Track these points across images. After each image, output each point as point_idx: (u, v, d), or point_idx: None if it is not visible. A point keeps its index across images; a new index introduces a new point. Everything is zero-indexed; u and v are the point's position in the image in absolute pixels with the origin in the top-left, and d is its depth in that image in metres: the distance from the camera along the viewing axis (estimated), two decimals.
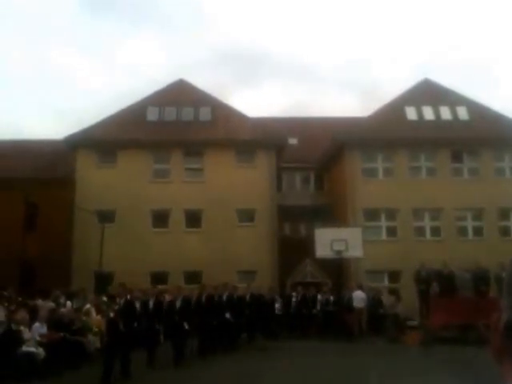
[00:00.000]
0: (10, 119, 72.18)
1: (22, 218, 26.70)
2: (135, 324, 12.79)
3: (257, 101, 75.67)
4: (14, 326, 10.47)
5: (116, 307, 13.31)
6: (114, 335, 11.61)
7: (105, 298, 17.17)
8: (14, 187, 26.28)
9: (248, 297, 18.17)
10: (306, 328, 20.06)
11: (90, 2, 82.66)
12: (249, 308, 17.50)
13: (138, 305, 13.85)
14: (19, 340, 10.32)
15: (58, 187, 26.48)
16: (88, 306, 15.25)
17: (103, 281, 23.38)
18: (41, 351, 10.91)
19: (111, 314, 12.95)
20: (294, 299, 20.93)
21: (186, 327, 13.15)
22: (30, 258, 25.07)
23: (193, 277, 24.46)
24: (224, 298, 16.09)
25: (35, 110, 77.15)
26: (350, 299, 20.15)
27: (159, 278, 25.06)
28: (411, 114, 29.30)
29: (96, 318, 14.88)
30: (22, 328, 10.67)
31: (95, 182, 26.66)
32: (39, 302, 15.03)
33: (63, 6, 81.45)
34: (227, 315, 15.64)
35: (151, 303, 13.24)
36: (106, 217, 26.01)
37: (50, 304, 14.68)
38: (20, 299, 15.17)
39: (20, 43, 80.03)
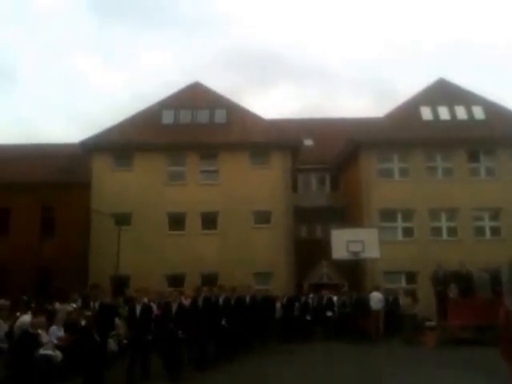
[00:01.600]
0: (26, 124, 73.02)
1: (38, 222, 26.97)
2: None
3: (272, 102, 75.81)
4: (31, 330, 10.56)
5: (89, 313, 11.73)
6: (86, 347, 10.14)
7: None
8: (31, 191, 26.55)
9: (246, 299, 16.18)
10: (300, 331, 19.21)
11: (103, 5, 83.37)
12: (250, 312, 15.85)
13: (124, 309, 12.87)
14: (37, 343, 10.41)
15: (75, 191, 26.71)
16: None
17: (120, 284, 23.52)
18: (58, 354, 10.98)
19: (83, 322, 11.53)
20: (278, 304, 19.97)
21: (181, 335, 11.56)
22: (46, 262, 25.30)
23: (209, 279, 24.49)
24: (220, 301, 14.10)
25: (51, 114, 77.99)
26: (367, 301, 20.04)
27: (176, 280, 25.17)
28: (426, 114, 29.15)
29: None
30: (39, 331, 10.76)
31: (111, 185, 26.87)
32: (56, 305, 15.15)
33: (77, 10, 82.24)
34: (223, 322, 13.80)
35: (138, 308, 11.45)
36: (122, 220, 26.18)
37: (67, 307, 14.77)
38: (33, 305, 15.20)
39: (35, 48, 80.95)
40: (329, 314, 20.06)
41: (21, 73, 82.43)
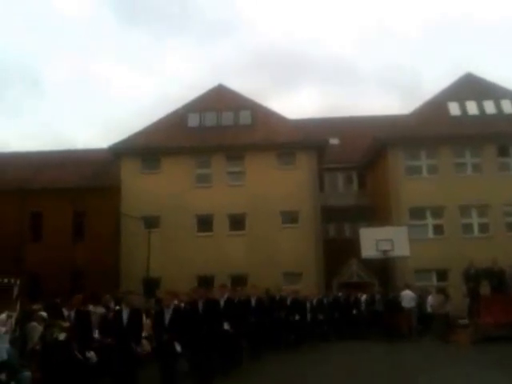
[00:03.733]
0: (56, 130, 74.16)
1: (70, 227, 27.40)
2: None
3: (296, 102, 75.65)
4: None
5: (65, 324, 9.98)
6: (68, 364, 8.69)
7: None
8: (62, 197, 26.99)
9: (254, 301, 14.62)
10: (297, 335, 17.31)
11: (127, 11, 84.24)
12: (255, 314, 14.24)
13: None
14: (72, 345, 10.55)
15: (104, 195, 27.04)
16: None
17: (151, 286, 23.73)
18: (93, 355, 11.10)
19: (61, 336, 9.60)
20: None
21: (178, 349, 9.60)
22: (79, 265, 25.69)
23: (239, 280, 24.55)
24: (222, 303, 12.16)
25: (78, 120, 79.04)
26: (399, 299, 19.93)
27: (205, 281, 25.23)
28: (454, 109, 28.80)
29: (146, 323, 14.99)
30: None
31: (140, 188, 27.13)
32: (90, 307, 15.32)
33: (102, 16, 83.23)
34: (226, 326, 11.87)
35: (125, 314, 9.72)
36: (151, 222, 26.43)
37: (101, 309, 14.93)
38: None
39: (62, 55, 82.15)
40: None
41: (48, 80, 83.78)
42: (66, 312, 10.21)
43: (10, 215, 27.32)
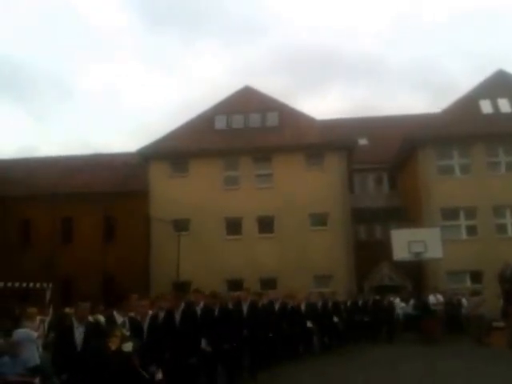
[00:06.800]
0: (85, 135, 75.10)
1: (100, 231, 27.60)
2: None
3: (324, 102, 75.26)
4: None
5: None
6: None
7: None
8: (93, 201, 27.20)
9: (246, 308, 12.20)
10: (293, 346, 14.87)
11: (153, 14, 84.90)
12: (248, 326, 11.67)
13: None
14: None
15: (134, 199, 27.17)
16: None
17: (181, 289, 23.68)
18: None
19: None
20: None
21: (159, 376, 7.74)
22: (109, 269, 25.83)
23: (268, 283, 24.41)
24: (198, 312, 9.96)
25: (108, 124, 79.90)
26: (428, 302, 19.60)
27: (235, 285, 25.14)
28: (486, 107, 28.27)
29: None
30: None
31: (168, 191, 27.17)
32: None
33: (128, 20, 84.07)
34: (203, 343, 9.44)
35: (78, 332, 7.36)
36: (180, 226, 26.45)
37: (130, 313, 14.89)
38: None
39: (90, 59, 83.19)
40: (335, 319, 16.99)
41: (77, 85, 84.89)
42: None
43: (40, 220, 27.71)
